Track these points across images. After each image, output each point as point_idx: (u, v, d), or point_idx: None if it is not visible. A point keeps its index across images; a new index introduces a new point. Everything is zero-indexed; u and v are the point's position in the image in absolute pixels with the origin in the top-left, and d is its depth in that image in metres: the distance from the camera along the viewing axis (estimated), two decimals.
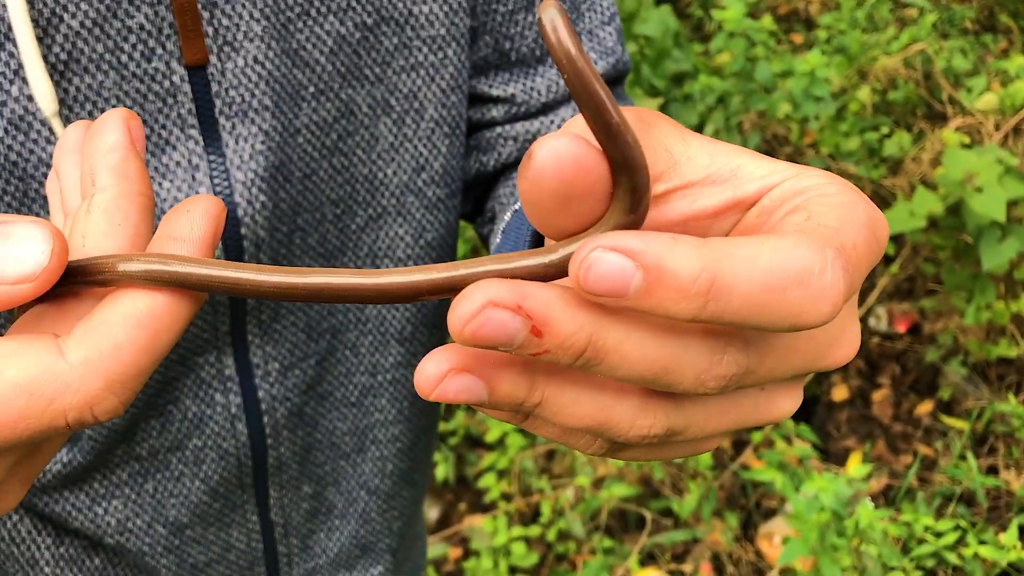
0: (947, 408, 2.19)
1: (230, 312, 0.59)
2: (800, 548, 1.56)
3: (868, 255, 0.27)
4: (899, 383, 2.30)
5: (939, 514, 1.93)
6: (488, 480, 2.05)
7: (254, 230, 0.55)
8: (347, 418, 0.68)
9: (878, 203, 2.31)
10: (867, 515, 1.59)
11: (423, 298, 0.28)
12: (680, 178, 0.29)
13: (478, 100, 0.68)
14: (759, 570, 1.92)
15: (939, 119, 2.68)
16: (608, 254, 0.24)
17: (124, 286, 0.28)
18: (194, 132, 0.53)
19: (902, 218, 1.96)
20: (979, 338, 2.18)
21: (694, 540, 1.94)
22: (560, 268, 0.27)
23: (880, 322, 2.36)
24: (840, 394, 2.28)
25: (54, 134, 0.49)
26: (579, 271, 0.24)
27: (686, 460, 1.93)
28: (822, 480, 1.57)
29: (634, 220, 0.26)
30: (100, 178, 0.31)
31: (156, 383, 0.59)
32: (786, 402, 0.31)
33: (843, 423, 2.23)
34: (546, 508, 1.97)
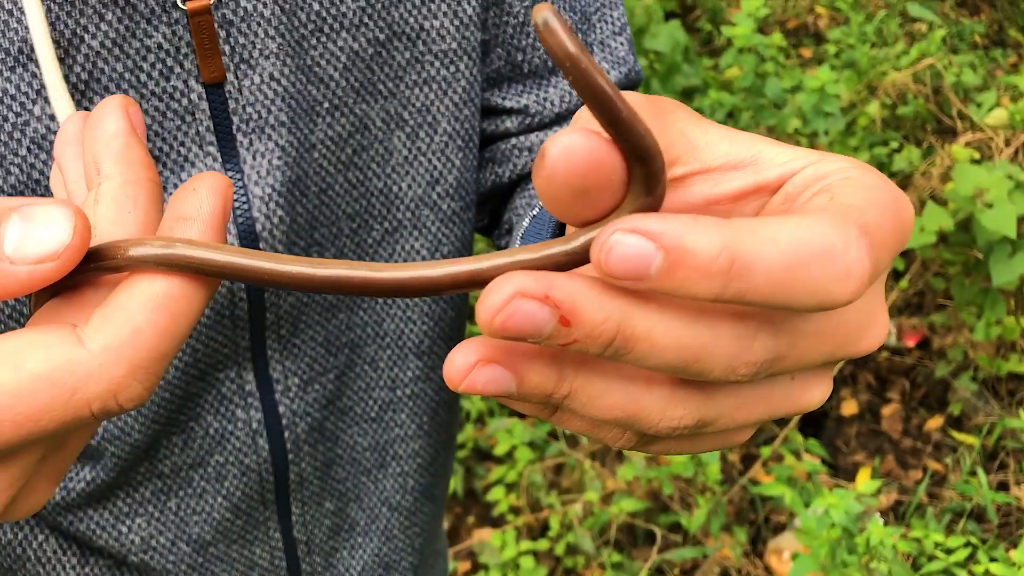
0: (957, 423, 2.18)
1: (250, 327, 0.59)
2: (810, 564, 1.56)
3: (893, 236, 0.27)
4: (908, 398, 2.30)
5: (949, 530, 1.92)
6: (497, 493, 2.05)
7: (273, 245, 0.56)
8: (367, 433, 0.68)
9: None
10: (878, 532, 1.58)
11: (443, 292, 0.27)
12: (700, 162, 0.29)
13: (492, 112, 0.68)
14: None
15: (949, 134, 2.68)
16: (628, 236, 0.24)
17: (138, 271, 0.27)
18: (212, 149, 0.54)
19: (912, 233, 1.96)
20: (989, 353, 2.18)
21: (703, 555, 1.93)
22: (582, 255, 0.26)
23: (889, 337, 2.36)
24: (849, 409, 2.28)
25: None
26: (600, 255, 0.24)
27: (695, 474, 1.93)
28: (832, 497, 1.57)
29: (652, 203, 0.26)
30: (105, 166, 0.30)
31: (178, 399, 0.59)
32: (816, 390, 0.30)
33: (852, 438, 2.22)
34: (555, 522, 1.97)
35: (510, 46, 0.65)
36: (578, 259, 0.26)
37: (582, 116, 0.29)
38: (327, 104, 0.57)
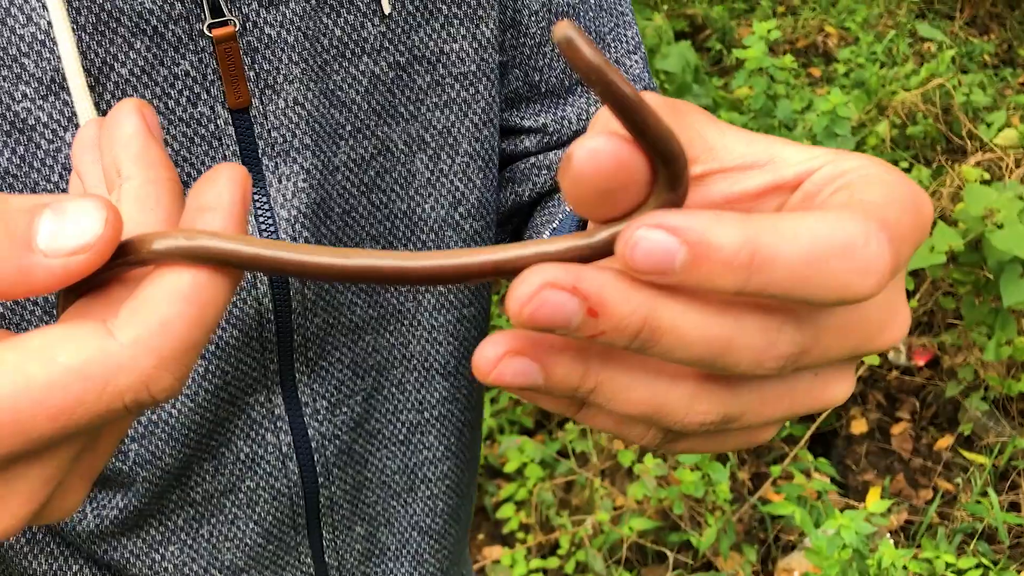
0: (968, 443, 2.18)
1: (278, 349, 0.59)
2: None
3: (913, 231, 0.27)
4: (919, 417, 2.29)
5: (960, 551, 1.91)
6: (507, 511, 2.05)
7: None
8: (396, 456, 0.69)
9: None
10: (889, 553, 1.58)
11: (469, 280, 0.28)
12: (718, 162, 0.30)
13: (511, 132, 0.69)
14: None
15: (958, 154, 2.69)
16: (652, 232, 0.25)
17: (164, 264, 0.27)
18: None
19: (921, 253, 1.96)
20: (1000, 373, 2.18)
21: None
22: (604, 250, 0.27)
23: (899, 356, 2.35)
24: (859, 427, 2.27)
25: None
26: (626, 249, 0.25)
27: (705, 493, 1.93)
28: (843, 518, 1.57)
29: (675, 200, 0.27)
30: (125, 167, 0.31)
31: (208, 423, 0.60)
32: (839, 387, 0.30)
33: (862, 457, 2.22)
34: (564, 541, 1.97)
35: (527, 66, 0.66)
36: (601, 253, 0.27)
37: (601, 119, 0.30)
38: (350, 127, 0.58)
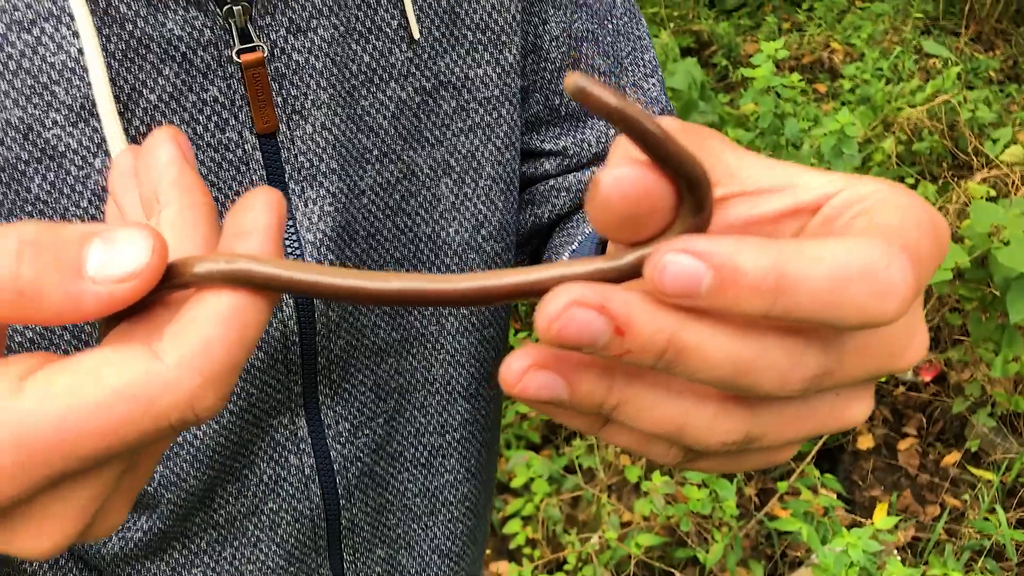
0: (975, 459, 2.18)
1: (302, 372, 0.60)
2: None
3: (931, 254, 0.28)
4: (925, 433, 2.29)
5: (968, 568, 1.91)
6: (514, 526, 2.05)
7: None
8: (417, 479, 0.69)
9: None
10: (897, 571, 1.58)
11: (505, 300, 0.28)
12: (738, 185, 0.30)
13: (531, 155, 0.70)
14: None
15: (964, 169, 2.69)
16: (680, 256, 0.25)
17: (205, 287, 0.28)
18: None
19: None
20: (1007, 389, 2.17)
21: None
22: (630, 272, 0.27)
23: (906, 371, 2.36)
24: (865, 443, 2.27)
25: None
26: (654, 273, 0.25)
27: (712, 510, 1.93)
28: (851, 536, 1.57)
29: (700, 224, 0.27)
30: (163, 194, 0.32)
31: (232, 445, 0.60)
32: (859, 407, 0.31)
33: (869, 472, 2.21)
34: (572, 557, 1.97)
35: (548, 91, 0.67)
36: (627, 275, 0.28)
37: (623, 143, 0.30)
38: (376, 152, 0.59)
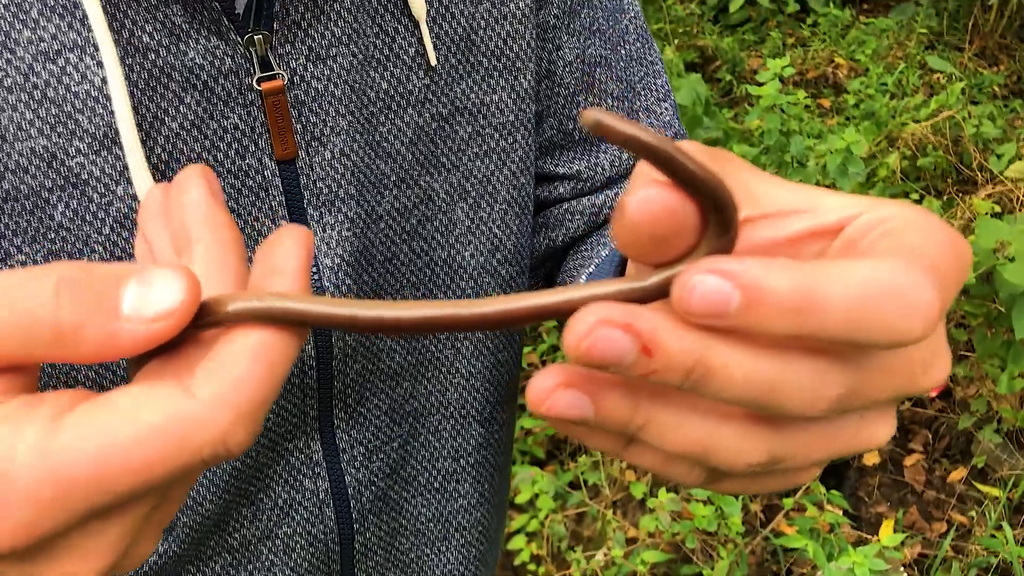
0: (981, 475, 2.17)
1: (318, 395, 0.60)
2: None
3: (954, 275, 0.28)
4: (931, 449, 2.29)
5: None
6: (518, 542, 2.05)
7: None
8: (431, 504, 0.69)
9: None
10: None
11: (524, 324, 0.29)
12: (760, 208, 0.30)
13: (545, 179, 0.70)
14: None
15: (969, 184, 2.70)
16: (708, 277, 0.25)
17: (235, 325, 0.29)
18: (284, 223, 0.55)
19: None
20: (1013, 406, 2.17)
21: None
22: (655, 293, 0.28)
23: (929, 391, 2.35)
24: (871, 458, 2.27)
25: None
26: (682, 293, 0.26)
27: (719, 527, 1.93)
28: (857, 555, 1.56)
29: (726, 245, 0.28)
30: (194, 232, 0.32)
31: (248, 469, 0.60)
32: (883, 428, 0.31)
33: (875, 489, 2.21)
34: (576, 574, 1.97)
35: (562, 115, 0.68)
36: (653, 296, 0.28)
37: (645, 168, 0.30)
38: (394, 177, 0.59)
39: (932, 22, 3.53)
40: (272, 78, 0.53)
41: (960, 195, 2.60)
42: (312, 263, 0.57)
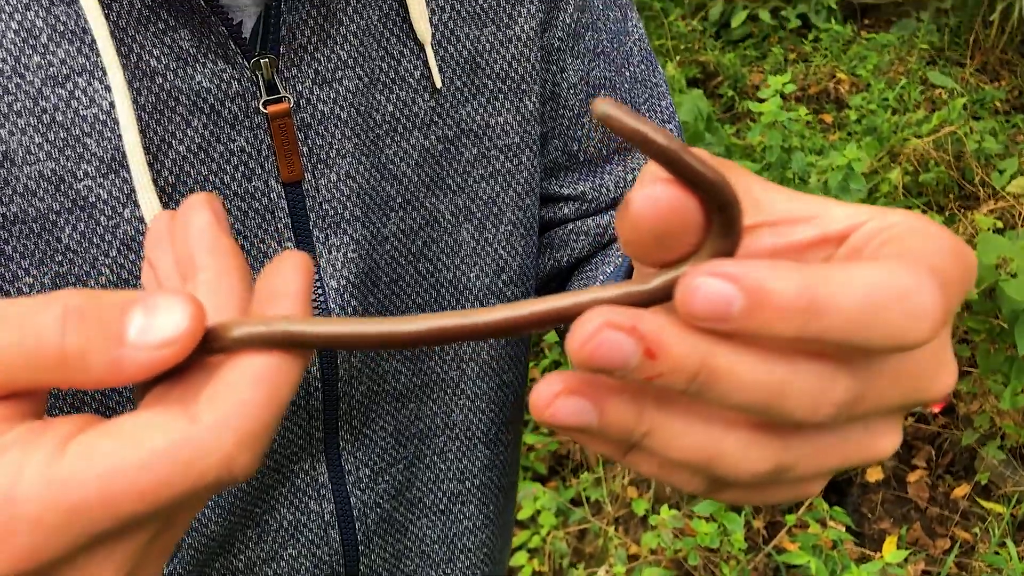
0: (985, 492, 2.17)
1: (323, 417, 0.60)
2: None
3: (959, 280, 0.28)
4: (935, 465, 2.28)
5: None
6: (520, 559, 2.04)
7: None
8: (436, 525, 0.69)
9: None
10: None
11: (532, 330, 0.28)
12: (765, 215, 0.30)
13: (550, 200, 0.70)
14: None
15: (971, 200, 2.70)
16: (711, 279, 0.25)
17: (239, 351, 0.29)
18: (290, 244, 0.56)
19: None
20: (1017, 422, 2.17)
21: None
22: (659, 296, 0.27)
23: (936, 401, 2.34)
24: (874, 475, 2.26)
25: None
26: (685, 296, 0.25)
27: (721, 544, 1.92)
28: (860, 572, 1.56)
29: (729, 247, 0.27)
30: (199, 259, 0.32)
31: (254, 491, 0.60)
32: (888, 439, 0.30)
33: (878, 505, 2.20)
34: None
35: (566, 137, 0.68)
36: (656, 299, 0.28)
37: (651, 168, 0.30)
38: (399, 199, 0.59)
39: (933, 37, 3.54)
40: (278, 101, 0.53)
41: (962, 211, 2.61)
42: (313, 287, 0.57)
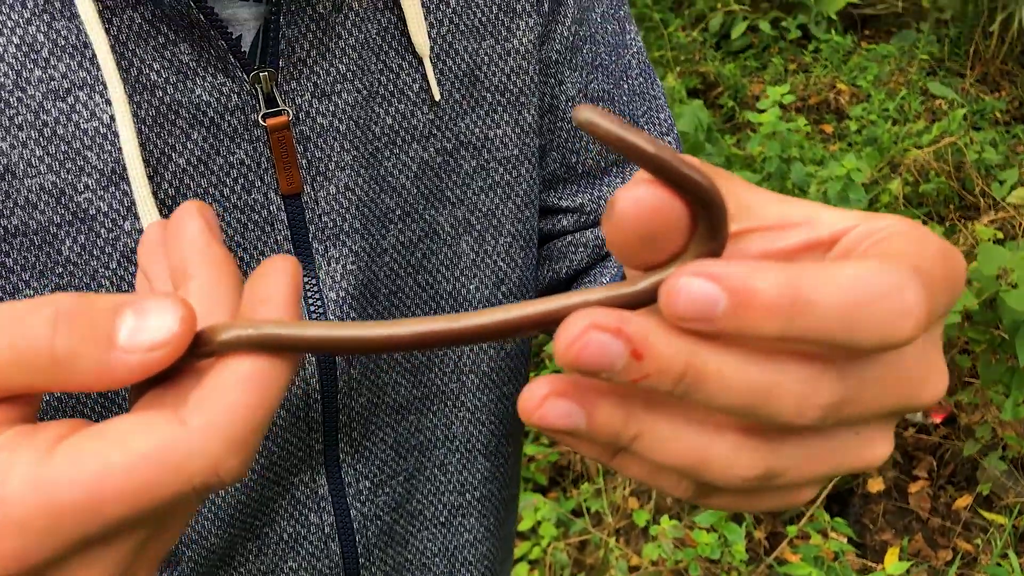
0: (987, 503, 2.16)
1: (323, 429, 0.60)
2: None
3: (946, 283, 0.28)
4: (936, 476, 2.28)
5: None
6: (521, 570, 2.04)
7: None
8: (437, 538, 0.69)
9: None
10: None
11: (520, 334, 0.28)
12: (755, 221, 0.30)
13: (548, 212, 0.71)
14: None
15: (972, 210, 2.70)
16: (694, 280, 0.25)
17: (228, 354, 0.29)
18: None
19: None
20: (1018, 432, 2.16)
21: None
22: (646, 298, 0.28)
23: (915, 413, 2.35)
24: (876, 486, 2.26)
25: None
26: (669, 297, 0.25)
27: (722, 555, 1.92)
28: None
29: (715, 249, 0.27)
30: (190, 267, 0.33)
31: (254, 503, 0.60)
32: (878, 447, 0.30)
33: (879, 516, 2.20)
34: None
35: (565, 149, 0.68)
36: (643, 301, 0.28)
37: (639, 173, 0.31)
38: (399, 211, 0.60)
39: (933, 48, 3.55)
40: (277, 114, 0.54)
41: (962, 221, 2.61)
42: (312, 299, 0.58)
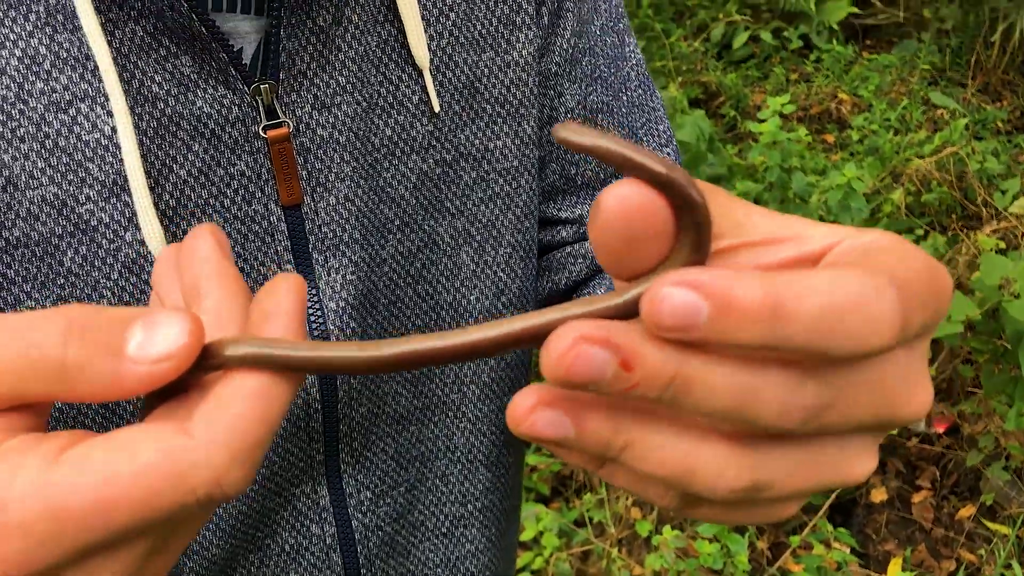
0: (990, 513, 2.16)
1: (324, 440, 0.60)
2: None
3: (927, 296, 0.28)
4: (939, 486, 2.27)
5: None
6: None
7: None
8: (439, 549, 0.69)
9: None
10: None
11: (508, 349, 0.29)
12: (744, 236, 0.31)
13: (548, 223, 0.71)
14: None
15: (974, 220, 2.70)
16: (676, 289, 0.25)
17: (235, 368, 0.30)
18: (290, 267, 0.56)
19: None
20: (1021, 442, 2.16)
21: None
22: (630, 309, 0.28)
23: (919, 423, 2.34)
24: (879, 496, 2.26)
25: None
26: (651, 307, 0.26)
27: (724, 565, 1.91)
28: None
29: (698, 259, 0.28)
30: (203, 286, 0.33)
31: (255, 514, 0.60)
32: (863, 462, 0.31)
33: (882, 526, 2.19)
34: None
35: (564, 160, 0.69)
36: (628, 312, 0.28)
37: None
38: (398, 222, 0.60)
39: (935, 58, 3.56)
40: (278, 126, 0.54)
41: (965, 231, 2.61)
42: (312, 309, 0.58)
